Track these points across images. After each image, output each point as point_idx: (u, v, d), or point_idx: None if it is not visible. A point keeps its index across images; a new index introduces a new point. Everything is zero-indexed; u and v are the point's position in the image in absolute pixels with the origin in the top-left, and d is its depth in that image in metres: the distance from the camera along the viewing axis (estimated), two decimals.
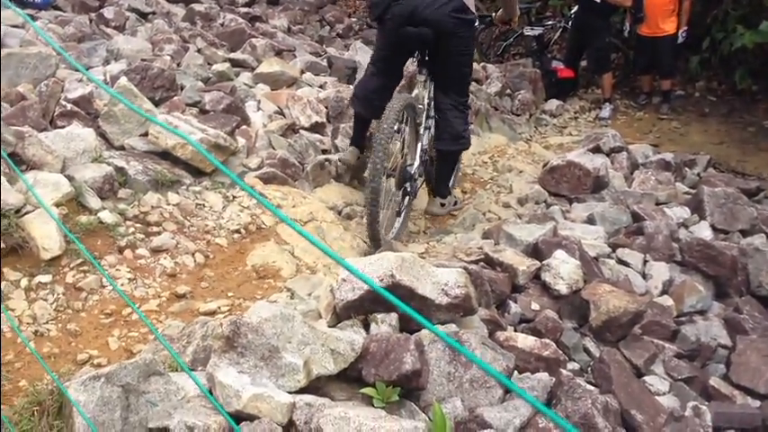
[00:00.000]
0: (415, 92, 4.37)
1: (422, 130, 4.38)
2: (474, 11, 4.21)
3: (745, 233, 4.61)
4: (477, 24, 4.41)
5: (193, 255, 3.44)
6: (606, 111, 8.24)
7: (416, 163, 4.31)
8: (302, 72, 6.44)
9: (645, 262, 4.00)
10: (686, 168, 5.99)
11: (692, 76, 8.91)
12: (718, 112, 8.39)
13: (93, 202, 3.46)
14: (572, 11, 8.57)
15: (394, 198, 4.32)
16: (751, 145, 7.51)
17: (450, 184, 4.84)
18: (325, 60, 7.07)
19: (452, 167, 4.69)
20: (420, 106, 4.32)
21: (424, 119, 4.40)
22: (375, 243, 3.95)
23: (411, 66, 4.59)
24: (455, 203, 4.78)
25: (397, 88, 4.57)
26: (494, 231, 4.13)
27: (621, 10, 8.44)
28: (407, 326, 2.78)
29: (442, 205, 4.65)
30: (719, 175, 6.13)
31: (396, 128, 3.95)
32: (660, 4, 7.79)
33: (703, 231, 4.47)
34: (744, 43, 7.57)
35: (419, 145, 4.36)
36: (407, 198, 4.39)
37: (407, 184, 4.31)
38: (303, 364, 2.23)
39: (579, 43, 8.43)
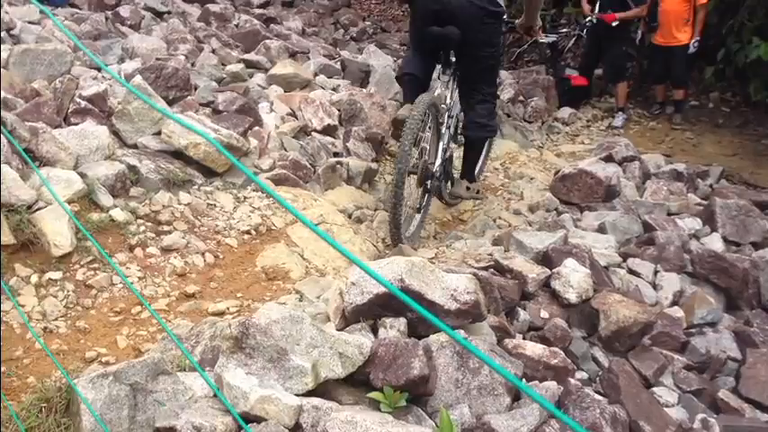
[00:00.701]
0: (438, 91, 4.38)
1: (443, 129, 4.45)
2: (502, 4, 4.27)
3: (756, 246, 4.58)
4: (505, 18, 4.46)
5: (203, 255, 3.44)
6: (619, 120, 8.21)
7: (438, 162, 4.39)
8: (315, 74, 6.46)
9: (656, 272, 3.97)
10: (699, 179, 5.96)
11: (706, 87, 8.86)
12: (732, 123, 8.35)
13: (105, 199, 3.47)
14: (587, 19, 8.54)
15: (415, 196, 4.41)
16: (764, 157, 7.46)
17: (477, 170, 4.96)
18: (338, 63, 7.08)
19: (479, 154, 4.79)
20: (443, 105, 4.38)
21: (446, 118, 4.46)
22: (394, 240, 4.03)
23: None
24: (477, 192, 4.84)
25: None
26: (504, 238, 4.11)
27: (636, 19, 8.43)
28: (416, 331, 2.77)
29: (468, 189, 4.73)
30: (732, 186, 6.09)
31: (420, 128, 4.04)
32: (675, 13, 7.75)
33: (715, 243, 4.44)
34: (759, 55, 7.52)
35: (440, 144, 4.43)
36: (427, 196, 4.48)
37: (428, 182, 4.39)
38: (311, 367, 2.23)
39: (595, 52, 8.40)
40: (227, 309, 3.08)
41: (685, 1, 7.63)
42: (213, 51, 6.30)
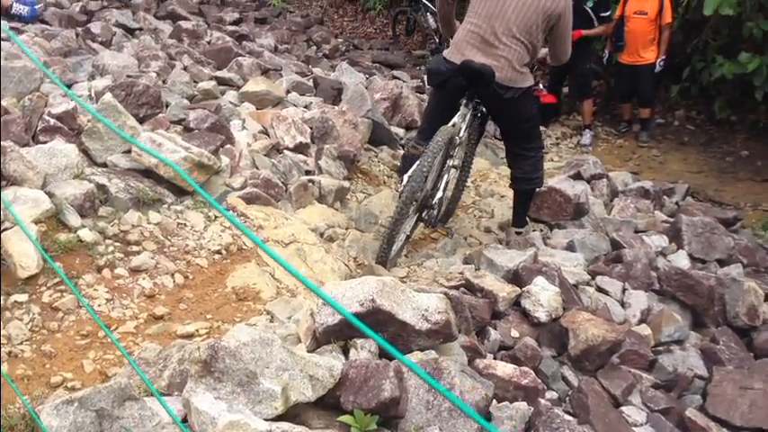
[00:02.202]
0: (455, 120, 4.25)
1: (449, 162, 4.43)
2: (531, 80, 4.30)
3: (722, 263, 4.66)
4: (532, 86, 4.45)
5: (173, 275, 3.42)
6: (587, 137, 8.31)
7: (438, 194, 4.39)
8: (288, 92, 6.47)
9: (624, 290, 4.03)
10: (665, 197, 6.05)
11: (671, 105, 9.01)
12: (697, 141, 8.49)
13: (73, 219, 3.44)
14: None
15: (409, 224, 4.42)
16: (729, 175, 7.60)
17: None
18: (311, 80, 7.09)
19: (526, 204, 4.82)
20: (457, 138, 4.29)
21: (456, 151, 4.43)
22: (381, 260, 4.06)
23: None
24: (531, 231, 4.88)
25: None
26: (475, 256, 4.15)
27: (602, 38, 8.55)
28: (387, 352, 2.77)
29: (518, 233, 4.78)
30: (698, 204, 6.20)
31: (436, 160, 4.07)
32: (641, 33, 7.88)
33: (681, 260, 4.52)
34: (723, 74, 7.67)
35: (445, 177, 4.44)
36: (419, 224, 4.58)
37: (425, 212, 4.44)
38: (281, 391, 2.22)
39: (561, 69, 8.49)
40: (197, 331, 3.05)
41: (651, 21, 7.77)
42: (185, 68, 6.28)
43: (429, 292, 3.10)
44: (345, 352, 2.72)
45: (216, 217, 4.02)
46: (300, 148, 5.34)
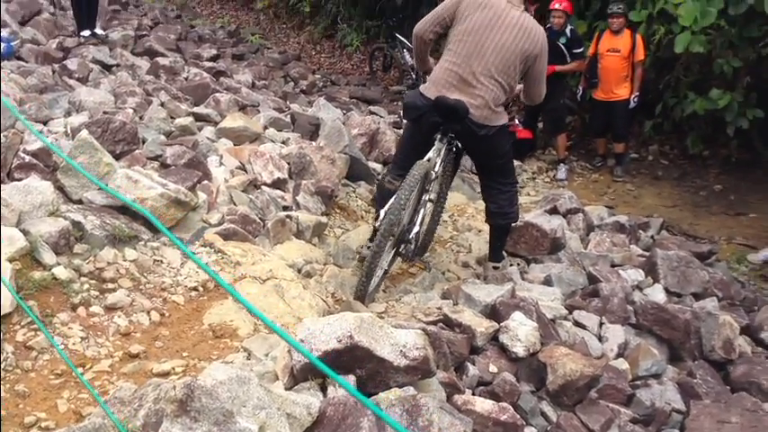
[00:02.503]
0: (430, 155, 4.27)
1: (425, 197, 4.42)
2: (505, 119, 4.40)
3: (697, 296, 4.71)
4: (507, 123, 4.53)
5: (149, 313, 3.38)
6: (562, 172, 8.40)
7: (415, 229, 4.38)
8: (265, 128, 6.49)
9: (601, 324, 4.05)
10: (640, 231, 6.12)
11: (645, 140, 9.14)
12: (671, 175, 8.61)
13: (48, 257, 3.40)
14: None
15: (386, 258, 4.41)
16: (703, 209, 7.70)
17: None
18: (288, 116, 7.12)
19: (502, 239, 4.82)
20: (432, 173, 4.30)
21: (432, 186, 4.43)
22: (359, 296, 4.05)
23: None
24: (508, 265, 4.86)
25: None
26: (453, 291, 4.15)
27: (576, 74, 8.70)
28: (365, 388, 2.76)
29: (495, 268, 4.77)
30: (672, 237, 6.27)
31: (411, 196, 4.08)
32: (614, 70, 8.04)
33: (657, 294, 4.56)
34: (695, 109, 7.83)
35: (421, 212, 4.42)
36: (397, 259, 4.59)
37: (403, 247, 4.42)
38: (258, 430, 2.20)
39: (536, 105, 8.62)
40: (173, 369, 3.01)
41: (624, 58, 7.94)
42: (162, 104, 6.29)
43: (407, 327, 3.11)
44: (323, 389, 2.70)
45: (193, 254, 4.00)
46: (278, 184, 5.35)
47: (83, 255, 3.59)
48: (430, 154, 4.25)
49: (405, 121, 4.89)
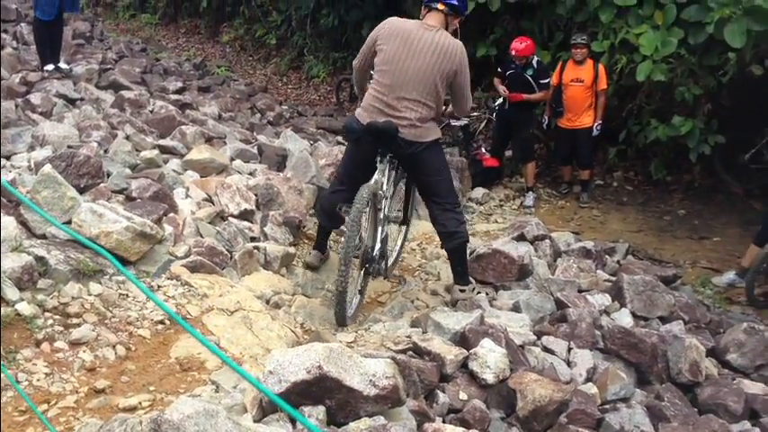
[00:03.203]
0: (376, 177, 4.43)
1: (381, 217, 4.58)
2: (438, 133, 4.58)
3: (663, 320, 4.76)
4: (440, 139, 4.70)
5: (114, 347, 3.34)
6: (530, 199, 8.49)
7: (377, 246, 4.53)
8: (232, 159, 6.47)
9: (569, 349, 4.07)
10: (606, 256, 6.18)
11: (610, 167, 9.29)
12: (636, 201, 8.75)
13: (11, 293, 3.35)
14: (495, 103, 8.91)
15: (356, 278, 4.60)
16: (667, 233, 7.82)
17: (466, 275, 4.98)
18: (255, 148, 7.11)
19: (462, 260, 4.83)
20: (380, 192, 4.48)
21: (383, 204, 4.58)
22: (339, 321, 4.28)
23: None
24: (473, 290, 4.85)
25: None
26: (422, 320, 4.16)
27: (543, 103, 8.85)
28: (335, 419, 2.75)
29: (462, 291, 4.79)
30: (638, 262, 6.34)
31: (362, 219, 4.28)
32: (578, 99, 8.21)
33: (624, 318, 4.60)
34: (658, 136, 7.99)
35: (379, 229, 4.58)
36: (368, 277, 4.70)
37: (369, 265, 4.56)
38: None
39: (504, 134, 8.75)
40: (140, 404, 2.97)
41: (587, 88, 8.13)
42: (127, 137, 6.25)
43: (376, 356, 3.10)
44: (293, 421, 2.68)
45: (159, 287, 3.96)
46: (245, 215, 5.33)
47: (47, 290, 3.54)
48: (375, 176, 4.43)
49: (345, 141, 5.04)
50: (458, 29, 4.61)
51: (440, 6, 4.45)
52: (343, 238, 4.43)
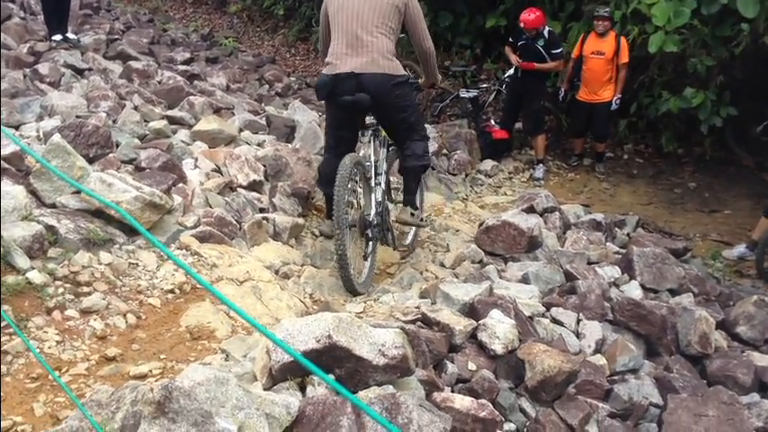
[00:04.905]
0: (362, 152, 4.72)
1: (373, 184, 4.75)
2: (403, 71, 4.68)
3: (673, 292, 4.75)
4: (410, 80, 4.84)
5: (125, 316, 3.35)
6: (540, 171, 8.46)
7: (373, 211, 4.67)
8: (240, 130, 6.45)
9: (578, 321, 4.06)
10: (616, 228, 6.16)
11: (620, 139, 9.24)
12: (646, 173, 8.70)
13: (22, 261, 3.36)
14: (506, 74, 8.85)
15: (360, 245, 4.72)
16: (678, 206, 7.79)
17: (418, 201, 5.21)
18: (263, 119, 7.09)
19: (417, 182, 5.02)
20: (368, 163, 4.70)
21: (373, 174, 4.75)
22: (351, 290, 4.40)
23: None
24: (422, 219, 5.08)
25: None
26: (431, 291, 4.15)
27: (553, 74, 8.78)
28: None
29: (412, 215, 4.92)
30: (648, 235, 6.32)
31: (348, 186, 4.36)
32: (598, 72, 8.12)
33: (633, 291, 4.59)
34: (669, 108, 7.92)
35: (373, 196, 4.73)
36: (371, 243, 4.74)
37: (368, 231, 4.67)
38: (237, 430, 2.18)
39: (515, 106, 8.69)
40: (150, 371, 2.99)
41: (608, 61, 8.03)
42: (135, 108, 6.23)
43: (385, 327, 3.10)
44: (302, 389, 2.69)
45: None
46: (254, 186, 5.33)
47: (57, 259, 3.55)
48: (362, 150, 4.71)
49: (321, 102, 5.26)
50: None
51: None
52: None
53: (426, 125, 8.56)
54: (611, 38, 8.03)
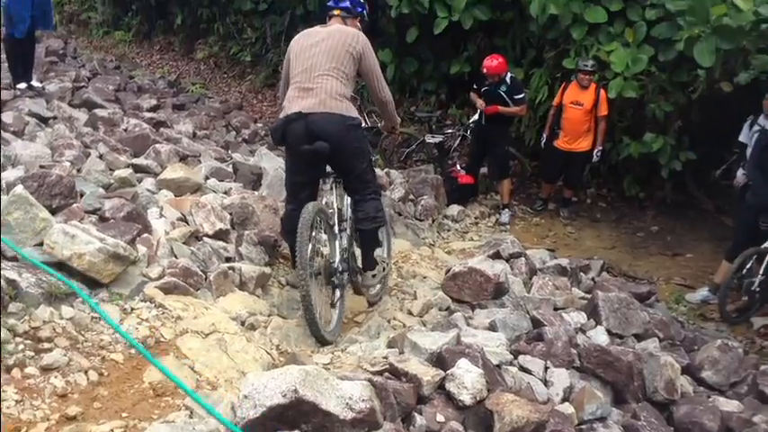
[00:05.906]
0: (324, 200, 4.75)
1: (337, 231, 4.75)
2: (356, 114, 4.72)
3: (639, 337, 4.80)
4: (363, 125, 4.96)
5: (86, 372, 3.28)
6: (506, 216, 8.54)
7: (337, 258, 4.67)
8: (207, 178, 6.44)
9: (546, 368, 4.07)
10: (581, 273, 6.22)
11: (583, 184, 9.38)
12: (609, 217, 8.83)
13: None
14: (471, 120, 8.97)
15: (326, 294, 4.70)
16: (641, 249, 7.90)
17: (384, 251, 5.31)
18: (230, 166, 7.09)
19: (373, 243, 4.97)
20: (330, 210, 4.71)
21: (336, 221, 4.75)
22: (319, 339, 4.36)
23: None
24: (383, 269, 5.05)
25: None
26: (398, 340, 4.13)
27: (517, 120, 8.92)
28: None
29: (374, 276, 4.94)
30: (613, 279, 6.40)
31: (312, 234, 4.37)
32: (576, 122, 8.22)
33: (600, 336, 4.62)
34: (630, 153, 8.08)
35: (338, 243, 4.72)
36: (337, 290, 4.73)
37: (334, 278, 4.66)
38: None
39: (480, 151, 8.80)
40: (112, 431, 2.91)
41: (587, 112, 8.16)
42: (100, 157, 6.20)
43: (353, 379, 3.08)
44: None
45: (132, 309, 3.91)
46: (220, 235, 5.29)
47: (17, 314, 3.47)
48: (324, 198, 4.76)
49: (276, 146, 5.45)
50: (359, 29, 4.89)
51: (336, 12, 4.92)
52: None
53: (393, 171, 8.68)
54: (591, 89, 8.13)
